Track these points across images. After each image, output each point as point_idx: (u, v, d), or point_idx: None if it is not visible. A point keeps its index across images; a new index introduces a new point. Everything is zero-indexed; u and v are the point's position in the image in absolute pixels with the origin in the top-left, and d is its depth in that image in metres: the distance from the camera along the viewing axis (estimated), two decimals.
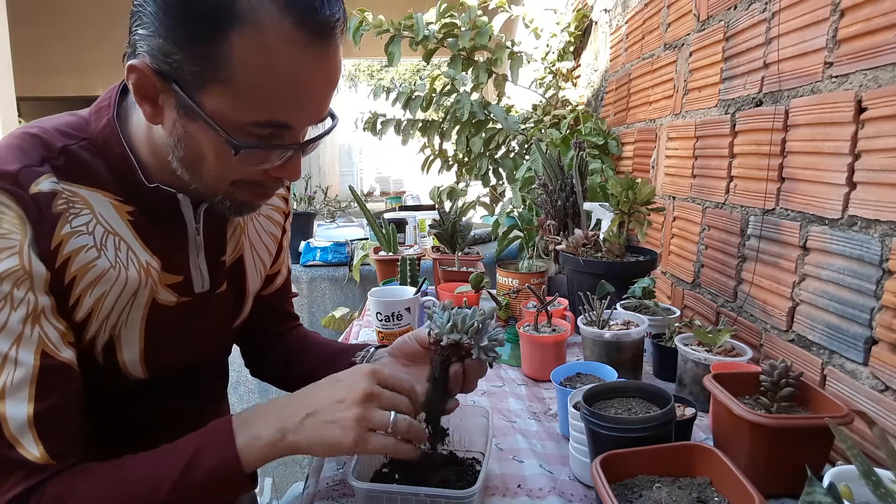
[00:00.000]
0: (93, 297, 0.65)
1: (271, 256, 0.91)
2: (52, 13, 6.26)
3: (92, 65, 6.46)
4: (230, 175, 0.64)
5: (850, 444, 0.44)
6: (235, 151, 0.60)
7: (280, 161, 0.64)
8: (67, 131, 0.67)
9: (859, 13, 0.80)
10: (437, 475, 0.72)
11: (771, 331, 1.02)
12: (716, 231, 1.21)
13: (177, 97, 0.59)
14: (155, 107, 0.61)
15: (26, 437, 0.58)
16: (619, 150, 1.85)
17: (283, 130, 0.61)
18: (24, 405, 0.58)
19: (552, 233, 1.46)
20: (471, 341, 0.69)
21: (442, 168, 2.61)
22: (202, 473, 0.60)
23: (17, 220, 0.59)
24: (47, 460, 0.59)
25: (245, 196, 0.68)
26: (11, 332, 0.58)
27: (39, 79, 6.15)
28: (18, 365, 0.58)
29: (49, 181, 0.62)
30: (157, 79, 0.59)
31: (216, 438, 0.63)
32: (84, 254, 0.64)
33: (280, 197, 0.92)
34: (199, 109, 0.58)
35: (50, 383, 0.60)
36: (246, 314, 0.89)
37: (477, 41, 2.12)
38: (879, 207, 0.76)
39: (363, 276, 2.20)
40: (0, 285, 0.58)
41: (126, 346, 0.70)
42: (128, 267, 0.68)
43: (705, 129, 1.26)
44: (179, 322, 0.74)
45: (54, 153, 0.64)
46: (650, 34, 1.61)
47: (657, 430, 0.66)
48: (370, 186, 9.55)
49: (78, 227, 0.64)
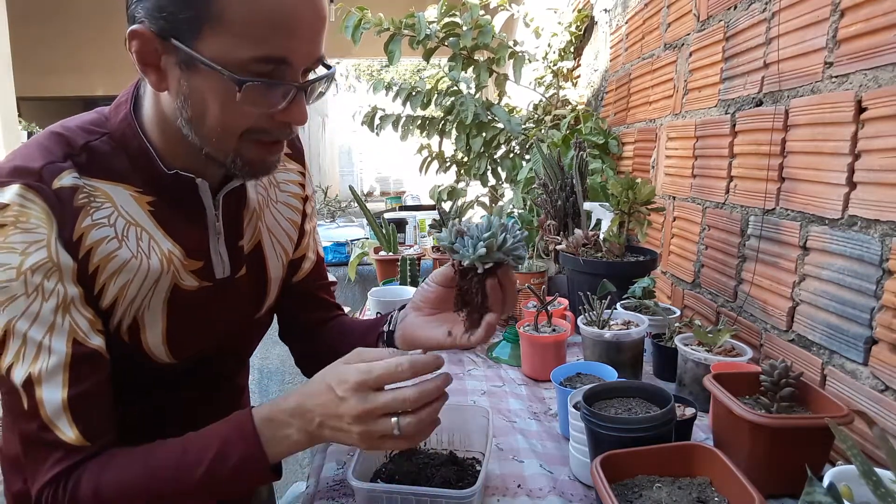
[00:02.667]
0: (116, 285, 0.68)
1: (292, 242, 0.90)
2: (51, 13, 6.26)
3: (92, 65, 6.46)
4: (236, 124, 0.65)
5: (850, 444, 0.44)
6: (239, 87, 0.60)
7: (284, 103, 0.64)
8: (89, 128, 0.70)
9: (859, 13, 0.80)
10: (438, 475, 0.72)
11: (771, 331, 1.02)
12: (716, 231, 1.21)
13: (177, 53, 0.61)
14: (158, 72, 0.63)
15: (61, 420, 0.62)
16: (619, 149, 1.85)
17: (283, 67, 0.62)
18: (59, 390, 0.62)
19: (552, 233, 1.46)
20: (506, 258, 0.65)
21: (440, 169, 2.61)
22: (230, 464, 0.63)
23: (43, 215, 0.62)
24: (82, 442, 0.63)
25: (254, 153, 0.68)
26: (44, 322, 0.62)
27: (39, 79, 6.15)
28: (52, 353, 0.62)
29: (71, 176, 0.65)
30: (156, 40, 0.61)
31: (243, 432, 0.65)
32: (105, 245, 0.67)
33: (296, 183, 0.91)
34: (199, 56, 0.60)
35: (82, 369, 0.64)
36: (272, 301, 0.88)
37: (479, 41, 2.12)
38: (879, 207, 0.76)
39: (363, 276, 2.19)
40: (32, 277, 0.61)
41: (150, 328, 0.72)
42: (149, 256, 0.70)
43: (705, 129, 1.26)
44: (200, 306, 0.76)
45: (76, 150, 0.67)
46: (650, 34, 1.61)
47: (657, 430, 0.66)
48: (370, 186, 9.54)
49: (99, 219, 0.66)
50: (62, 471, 0.62)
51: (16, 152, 0.67)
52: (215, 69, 0.60)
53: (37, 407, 0.61)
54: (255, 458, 0.64)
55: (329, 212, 3.39)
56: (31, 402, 0.61)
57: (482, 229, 0.65)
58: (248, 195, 0.82)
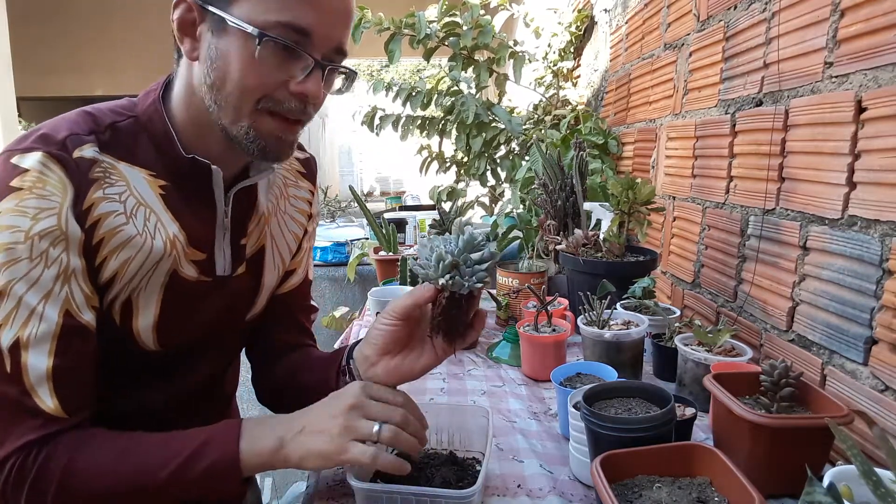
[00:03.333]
0: (118, 260, 0.69)
1: (291, 253, 0.92)
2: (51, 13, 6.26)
3: (92, 65, 6.46)
4: (252, 86, 0.67)
5: (850, 444, 0.44)
6: (259, 41, 0.63)
7: (302, 75, 0.67)
8: (117, 110, 0.73)
9: (859, 13, 0.80)
10: (438, 475, 0.72)
11: (771, 331, 1.02)
12: (716, 231, 1.21)
13: (210, 20, 0.66)
14: (193, 41, 0.68)
15: (42, 388, 0.62)
16: (619, 149, 1.85)
17: (305, 40, 0.66)
18: (45, 358, 0.62)
19: (552, 233, 1.46)
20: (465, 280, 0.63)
21: (440, 169, 2.61)
22: (203, 465, 0.63)
23: (59, 184, 0.64)
24: (60, 413, 0.63)
25: (268, 126, 0.69)
26: (42, 288, 0.63)
27: (39, 79, 6.15)
28: (43, 319, 0.63)
29: (92, 149, 0.68)
30: (196, 7, 0.66)
31: (225, 435, 0.66)
32: (113, 218, 0.68)
33: (305, 201, 0.93)
34: (228, 16, 0.64)
35: (69, 342, 0.64)
36: (259, 309, 0.88)
37: (479, 40, 2.12)
38: (879, 207, 0.76)
39: (363, 275, 2.19)
40: (39, 242, 0.62)
41: (143, 311, 0.72)
42: (154, 236, 0.71)
43: (705, 129, 1.26)
44: (196, 298, 0.77)
45: (101, 128, 0.70)
46: (650, 34, 1.61)
47: (657, 430, 0.66)
48: (370, 186, 9.53)
49: (110, 194, 0.68)
50: (35, 439, 0.61)
51: (44, 123, 0.69)
52: (241, 27, 0.63)
53: (20, 372, 0.61)
54: (227, 463, 0.64)
55: (329, 212, 3.39)
56: (14, 366, 0.61)
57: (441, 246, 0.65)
58: (258, 198, 0.83)
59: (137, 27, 7.12)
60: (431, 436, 0.81)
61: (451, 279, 0.63)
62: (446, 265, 0.63)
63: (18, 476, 0.61)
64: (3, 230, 0.62)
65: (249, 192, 0.81)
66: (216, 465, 0.63)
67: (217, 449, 0.64)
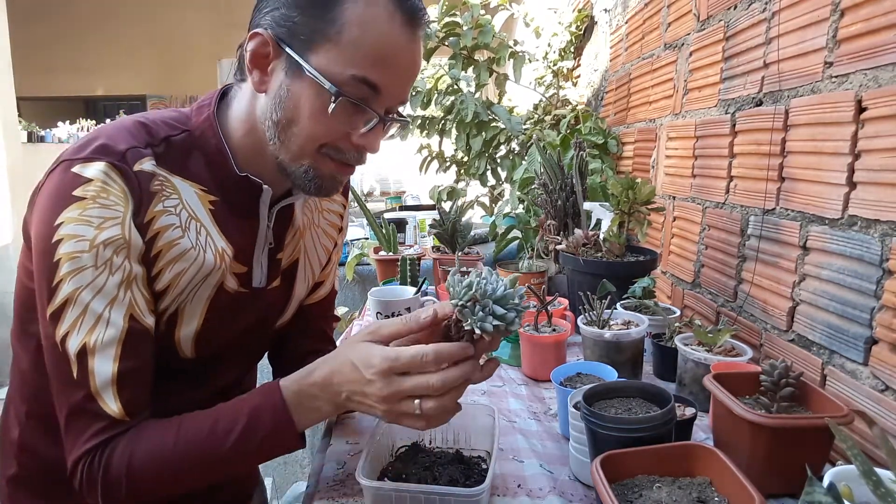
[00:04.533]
0: (172, 272, 0.71)
1: (321, 266, 0.94)
2: (52, 13, 6.26)
3: (92, 65, 6.46)
4: (320, 135, 0.69)
5: (850, 444, 0.44)
6: (335, 98, 0.65)
7: (365, 128, 0.69)
8: (171, 123, 0.74)
9: (859, 13, 0.80)
10: (445, 473, 0.72)
11: (771, 331, 1.02)
12: (716, 231, 1.21)
13: (287, 60, 0.67)
14: (263, 73, 0.69)
15: (107, 392, 0.64)
16: (619, 149, 1.85)
17: (373, 95, 0.68)
18: (110, 363, 0.64)
19: (552, 233, 1.46)
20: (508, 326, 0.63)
21: (440, 169, 2.61)
22: (261, 435, 0.66)
23: (122, 194, 0.66)
24: (123, 416, 0.65)
25: (328, 167, 0.72)
26: (108, 295, 0.65)
27: (39, 79, 6.15)
28: (110, 325, 0.65)
29: (150, 163, 0.69)
30: (273, 44, 0.67)
31: (272, 404, 0.67)
32: (171, 231, 0.70)
33: (337, 214, 0.96)
34: (307, 64, 0.65)
35: (134, 345, 0.66)
36: (287, 317, 0.90)
37: (479, 40, 2.12)
38: (879, 207, 0.76)
39: (363, 275, 2.19)
40: (104, 251, 0.64)
41: (187, 321, 0.74)
42: (206, 250, 0.73)
43: (705, 128, 1.26)
44: (235, 309, 0.79)
45: (157, 141, 0.71)
46: (650, 34, 1.61)
47: (657, 430, 0.66)
48: (370, 186, 9.52)
49: (168, 207, 0.70)
50: (100, 442, 0.64)
51: (99, 131, 0.70)
52: (318, 80, 0.65)
53: (87, 377, 0.63)
54: (284, 428, 0.67)
55: None
56: (81, 371, 0.63)
57: (493, 295, 0.63)
58: (295, 213, 0.85)
59: (137, 27, 7.12)
60: (437, 434, 0.82)
61: (463, 308, 0.64)
62: (470, 294, 0.64)
63: (89, 478, 0.64)
64: (68, 239, 0.63)
65: (288, 208, 0.83)
66: (275, 432, 0.66)
67: (268, 415, 0.66)
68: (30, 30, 5.81)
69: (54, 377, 0.66)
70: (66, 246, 0.63)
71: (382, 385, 0.63)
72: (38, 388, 0.75)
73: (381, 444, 0.77)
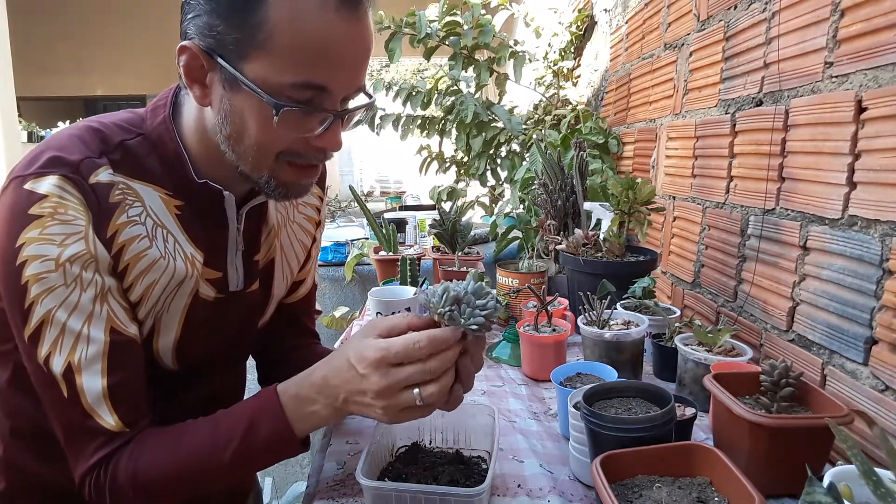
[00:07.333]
0: (143, 284, 0.69)
1: (299, 264, 0.92)
2: (52, 13, 6.26)
3: (92, 65, 6.46)
4: (273, 145, 0.65)
5: (850, 444, 0.44)
6: (276, 111, 0.61)
7: (320, 129, 0.65)
8: (125, 126, 0.70)
9: (859, 13, 0.80)
10: (445, 473, 0.72)
11: (771, 331, 1.02)
12: (716, 231, 1.21)
13: (221, 72, 0.62)
14: (203, 87, 0.65)
15: (101, 407, 0.64)
16: (619, 149, 1.85)
17: (322, 95, 0.63)
18: (99, 378, 0.63)
19: (552, 233, 1.46)
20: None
21: (440, 169, 2.60)
22: (261, 440, 0.65)
23: (81, 207, 0.63)
24: (122, 428, 0.65)
25: (289, 175, 0.69)
26: (83, 311, 0.63)
27: (39, 79, 6.15)
28: (91, 341, 0.63)
29: (107, 172, 0.66)
30: (203, 56, 0.62)
31: (271, 409, 0.67)
32: (137, 243, 0.68)
33: (313, 207, 0.93)
34: (241, 76, 0.61)
35: (120, 357, 0.65)
36: (267, 318, 0.89)
37: (480, 40, 2.12)
38: (879, 207, 0.76)
39: (363, 275, 2.19)
40: (71, 268, 0.62)
41: (164, 333, 0.73)
42: (175, 258, 0.71)
43: (705, 128, 1.26)
44: (214, 317, 0.77)
45: (111, 147, 0.68)
46: (650, 34, 1.61)
47: (657, 430, 0.66)
48: (370, 186, 9.54)
49: (133, 216, 0.68)
50: (103, 456, 0.64)
51: (49, 142, 0.67)
52: (257, 92, 0.61)
53: (77, 395, 0.63)
54: (283, 434, 0.66)
55: (329, 212, 3.39)
56: (71, 390, 0.63)
57: (473, 294, 0.65)
58: (268, 212, 0.83)
59: (137, 27, 7.12)
60: (437, 434, 0.81)
61: (449, 312, 0.64)
62: (450, 297, 0.64)
63: (97, 492, 0.64)
64: (32, 260, 0.61)
65: (260, 207, 0.81)
66: (274, 437, 0.65)
67: (267, 421, 0.66)
68: (30, 29, 5.81)
69: (45, 397, 0.65)
70: (32, 268, 0.61)
71: (378, 378, 0.61)
72: (19, 405, 0.74)
73: (381, 444, 0.77)
